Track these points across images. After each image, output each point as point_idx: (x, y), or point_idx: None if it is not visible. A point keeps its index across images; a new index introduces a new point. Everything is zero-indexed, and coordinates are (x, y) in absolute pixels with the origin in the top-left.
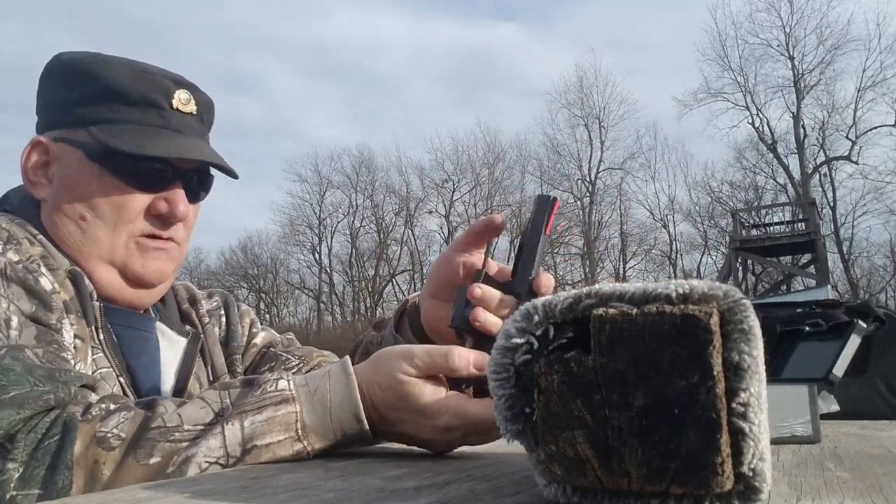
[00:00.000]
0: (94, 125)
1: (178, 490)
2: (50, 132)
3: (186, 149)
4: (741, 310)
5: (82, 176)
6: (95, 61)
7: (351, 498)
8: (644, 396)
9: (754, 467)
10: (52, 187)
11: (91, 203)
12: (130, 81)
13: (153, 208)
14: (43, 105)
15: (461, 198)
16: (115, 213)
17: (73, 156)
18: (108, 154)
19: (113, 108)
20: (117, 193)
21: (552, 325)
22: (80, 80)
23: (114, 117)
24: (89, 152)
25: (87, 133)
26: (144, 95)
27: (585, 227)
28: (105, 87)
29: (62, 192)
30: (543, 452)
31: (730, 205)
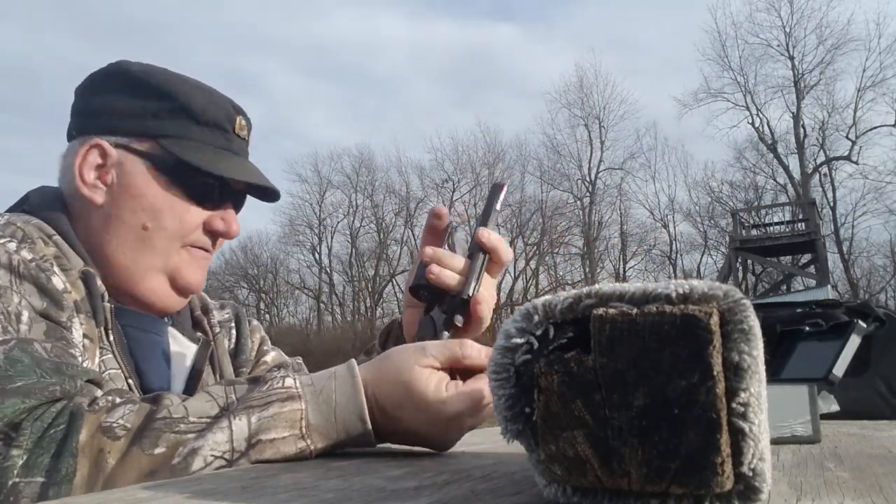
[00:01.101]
0: (165, 138)
1: (178, 490)
2: (108, 137)
3: (250, 172)
4: (741, 310)
5: (149, 186)
6: (170, 77)
7: (351, 498)
8: (644, 396)
9: (754, 467)
10: (109, 194)
11: (155, 214)
12: (203, 103)
13: (209, 224)
14: (99, 109)
15: (461, 198)
16: (178, 225)
17: (137, 165)
18: (178, 168)
19: (184, 125)
20: (182, 207)
21: (552, 325)
22: (155, 94)
23: (184, 134)
24: (158, 164)
25: (157, 145)
26: (214, 117)
27: (585, 227)
28: (180, 105)
29: (124, 199)
30: (543, 452)
31: (730, 205)
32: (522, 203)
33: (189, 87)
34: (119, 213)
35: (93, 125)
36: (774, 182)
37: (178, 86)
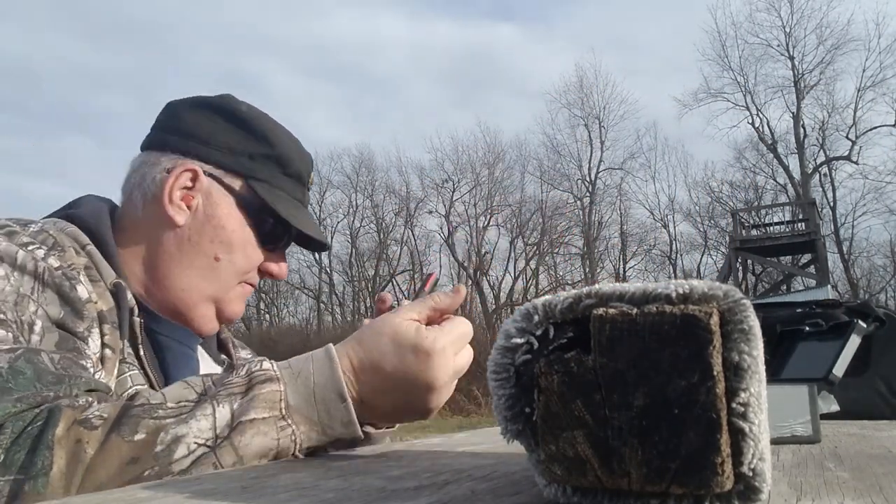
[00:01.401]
0: (255, 180)
1: (178, 490)
2: (202, 164)
3: (314, 227)
4: (741, 310)
5: (230, 221)
6: (272, 125)
7: (351, 498)
8: (644, 396)
9: (754, 467)
10: (191, 217)
11: (229, 248)
12: (295, 156)
13: (266, 267)
14: (199, 135)
15: (461, 198)
16: (244, 263)
17: (223, 198)
18: (260, 211)
19: (273, 172)
20: (252, 246)
21: (552, 325)
22: (256, 137)
23: (272, 180)
24: (244, 202)
25: (246, 185)
26: (299, 172)
27: (585, 227)
28: (276, 154)
29: (205, 227)
30: (543, 452)
31: (730, 205)
32: (522, 203)
33: (286, 137)
34: (197, 239)
35: (191, 149)
36: (774, 182)
37: (278, 135)
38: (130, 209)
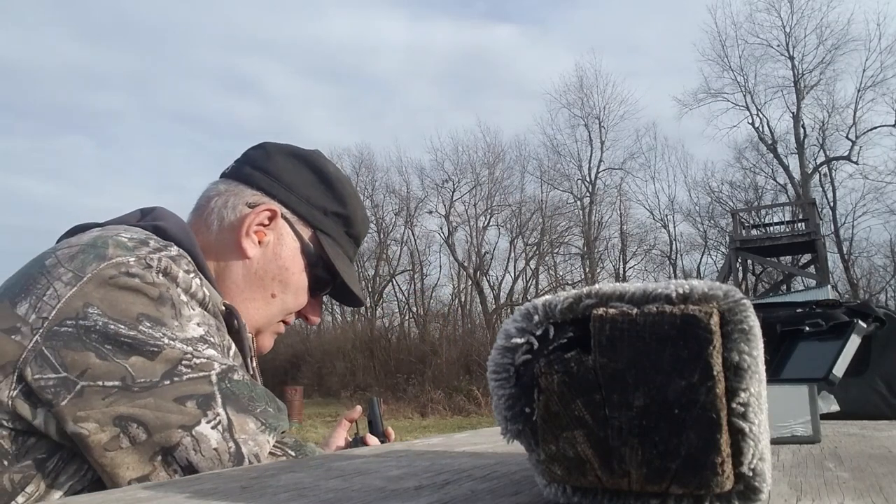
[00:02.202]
0: (322, 233)
1: (179, 490)
2: (280, 206)
3: (360, 288)
4: (741, 310)
5: (293, 263)
6: (350, 190)
7: (351, 498)
8: (644, 396)
9: (754, 467)
10: (260, 252)
11: (286, 289)
12: (361, 223)
13: (304, 311)
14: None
15: (461, 198)
16: (293, 303)
17: (292, 242)
18: (319, 261)
19: (339, 230)
20: (302, 290)
21: (552, 325)
22: (333, 196)
23: (336, 236)
24: (308, 250)
25: (314, 235)
26: (359, 234)
27: (585, 227)
28: (346, 215)
29: (270, 264)
30: (543, 452)
31: (730, 205)
32: (522, 203)
33: (358, 203)
34: (261, 274)
35: (276, 191)
36: (774, 182)
37: (352, 199)
38: (203, 231)
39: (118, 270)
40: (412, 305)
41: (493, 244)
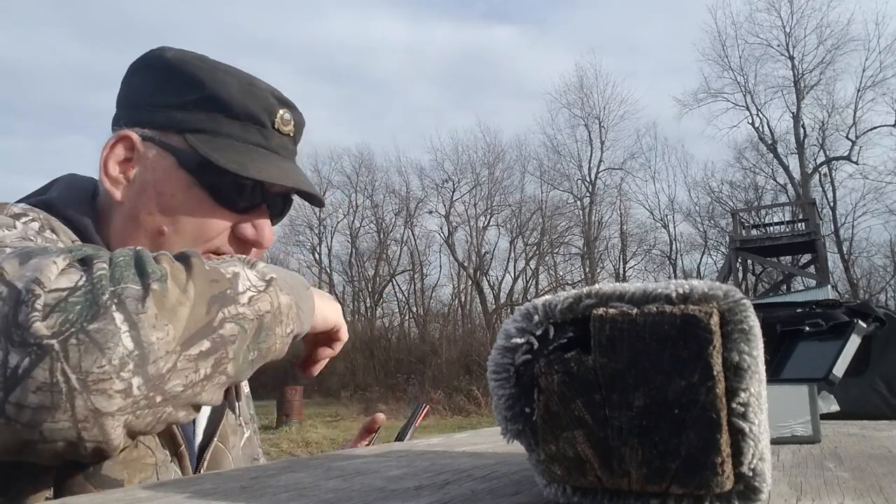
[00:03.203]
0: (192, 133)
1: (178, 490)
2: (138, 129)
3: (286, 175)
4: (741, 310)
5: (168, 184)
6: (202, 65)
7: (351, 498)
8: (644, 396)
9: (754, 467)
10: (129, 189)
11: (173, 216)
12: (237, 94)
13: (238, 231)
14: (132, 99)
15: (461, 198)
16: (198, 231)
17: (161, 161)
18: (202, 166)
19: (214, 118)
20: (203, 210)
21: (552, 325)
22: (184, 83)
23: (213, 128)
24: (182, 160)
25: (182, 140)
26: (248, 111)
27: (585, 227)
28: (209, 96)
29: (143, 199)
30: (543, 452)
31: (730, 205)
32: (522, 203)
33: (223, 74)
34: (136, 213)
35: (125, 116)
36: (774, 182)
37: (208, 74)
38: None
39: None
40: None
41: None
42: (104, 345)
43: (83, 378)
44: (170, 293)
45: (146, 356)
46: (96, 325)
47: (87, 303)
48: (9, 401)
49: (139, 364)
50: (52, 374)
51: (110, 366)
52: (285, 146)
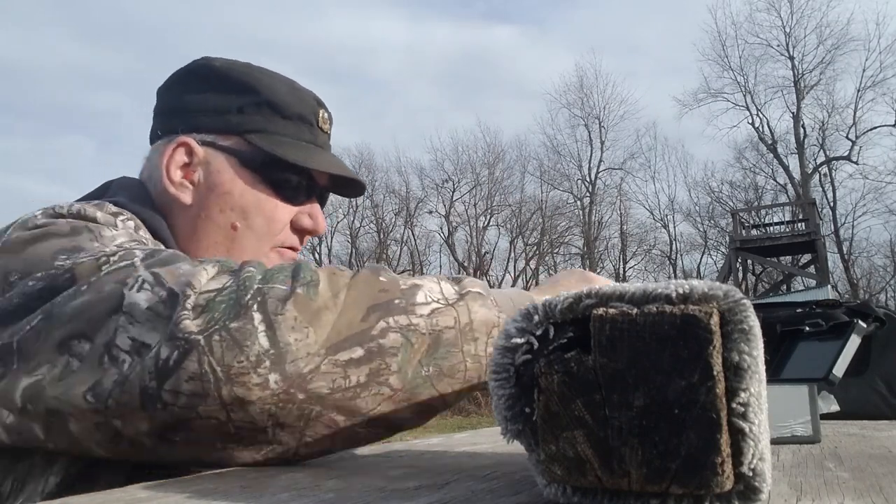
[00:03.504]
0: (250, 133)
1: (178, 490)
2: (194, 135)
3: (338, 165)
4: (741, 310)
5: (236, 183)
6: (251, 71)
7: (351, 498)
8: (644, 396)
9: (754, 467)
10: (196, 192)
11: (244, 212)
12: (287, 95)
13: (297, 222)
14: (182, 107)
15: (461, 198)
16: (266, 224)
17: (224, 162)
18: (264, 163)
19: (269, 119)
20: (270, 204)
21: (552, 325)
22: (238, 89)
23: (271, 128)
24: (244, 159)
25: (243, 141)
26: (298, 111)
27: (585, 227)
28: (265, 99)
29: (212, 199)
30: (543, 452)
31: (730, 205)
32: (522, 203)
33: (272, 79)
34: (207, 213)
35: (178, 123)
36: (774, 182)
37: (261, 79)
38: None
39: (24, 228)
40: None
41: (493, 244)
42: (242, 342)
43: (226, 371)
44: (316, 298)
45: (283, 355)
46: (237, 323)
47: (230, 302)
48: (164, 388)
49: (276, 362)
50: (201, 365)
51: (248, 361)
52: (327, 142)
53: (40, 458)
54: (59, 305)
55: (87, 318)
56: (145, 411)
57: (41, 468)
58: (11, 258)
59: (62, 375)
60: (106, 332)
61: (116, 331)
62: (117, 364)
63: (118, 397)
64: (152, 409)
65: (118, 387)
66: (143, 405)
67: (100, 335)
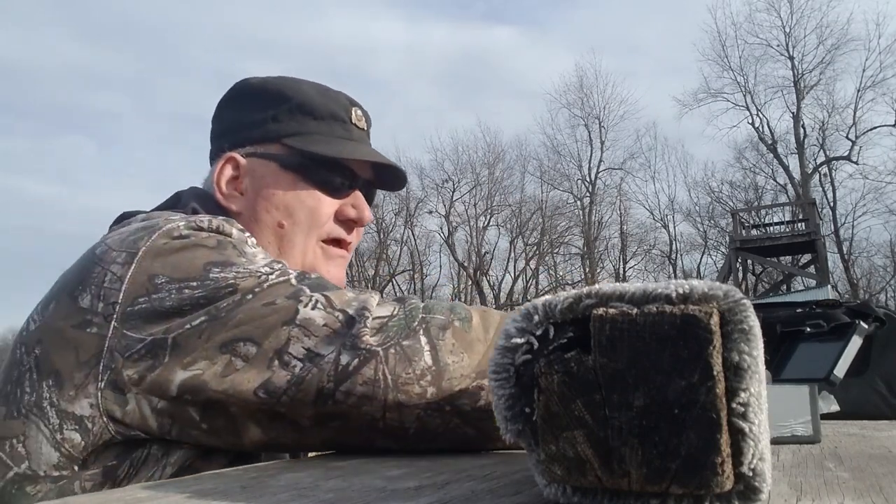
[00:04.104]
0: (288, 137)
1: (178, 490)
2: (239, 149)
3: (373, 154)
4: (741, 310)
5: (278, 185)
6: (283, 81)
7: (351, 498)
8: (644, 396)
9: (754, 467)
10: (245, 199)
11: (288, 210)
12: (317, 98)
13: (341, 213)
14: (228, 127)
15: (461, 198)
16: (310, 218)
17: (266, 167)
18: (302, 162)
19: (302, 122)
20: (311, 199)
21: (552, 325)
22: (272, 99)
23: (304, 130)
24: (283, 162)
25: (280, 146)
26: (329, 110)
27: (585, 227)
28: (296, 104)
29: (259, 202)
30: (543, 452)
31: (730, 205)
32: (522, 203)
33: (303, 85)
34: (256, 216)
35: (226, 142)
36: (774, 182)
37: (292, 87)
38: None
39: (170, 237)
40: None
41: (493, 244)
42: (412, 357)
43: (395, 379)
44: (470, 331)
45: (442, 373)
46: (408, 342)
47: (402, 325)
48: (339, 390)
49: (436, 377)
50: (376, 372)
51: (414, 374)
52: (363, 137)
53: (157, 448)
54: (225, 311)
55: (257, 325)
56: (315, 407)
57: (156, 458)
58: (159, 263)
59: (225, 372)
60: (276, 339)
61: (289, 340)
62: (288, 368)
63: (294, 395)
64: (322, 405)
65: (294, 386)
66: (314, 402)
67: (269, 341)
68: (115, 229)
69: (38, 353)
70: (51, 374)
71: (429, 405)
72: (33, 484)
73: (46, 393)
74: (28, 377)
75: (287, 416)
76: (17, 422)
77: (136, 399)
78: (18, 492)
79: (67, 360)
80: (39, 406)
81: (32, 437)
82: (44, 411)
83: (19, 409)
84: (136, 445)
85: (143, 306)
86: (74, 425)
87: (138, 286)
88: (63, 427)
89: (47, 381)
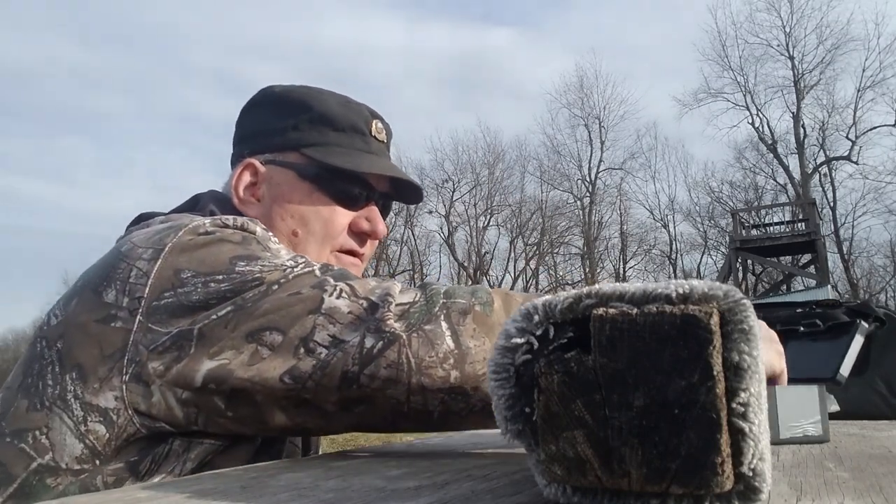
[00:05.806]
0: (307, 147)
1: (178, 490)
2: (258, 156)
3: (390, 168)
4: (741, 310)
5: (294, 194)
6: (306, 91)
7: (351, 498)
8: (644, 396)
9: (754, 467)
10: (261, 206)
11: (303, 219)
12: (338, 109)
13: (355, 225)
14: (250, 132)
15: (461, 198)
16: (324, 229)
17: (284, 175)
18: (319, 173)
19: (322, 132)
20: (327, 210)
21: (552, 325)
22: (294, 108)
23: (324, 140)
24: (301, 172)
25: (299, 155)
26: (350, 122)
27: (585, 227)
28: (317, 115)
29: (274, 209)
30: (543, 452)
31: (730, 205)
32: (522, 203)
33: (325, 96)
34: (271, 223)
35: (245, 148)
36: (774, 182)
37: (315, 97)
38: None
39: (195, 233)
40: None
41: (493, 244)
42: (434, 341)
43: (419, 363)
44: (491, 315)
45: (464, 357)
46: (430, 326)
47: (423, 310)
48: (364, 373)
49: (458, 361)
50: (400, 356)
51: (437, 357)
52: (382, 150)
53: (179, 443)
54: (251, 301)
55: (283, 314)
56: (340, 392)
57: (177, 454)
58: (185, 258)
59: (251, 361)
60: (302, 327)
61: (315, 328)
62: (313, 354)
63: (319, 380)
64: (347, 390)
65: (319, 371)
66: (339, 386)
67: (294, 329)
68: (134, 230)
69: (60, 346)
70: (74, 368)
71: (452, 389)
72: (54, 476)
73: (70, 386)
74: (50, 370)
75: (312, 402)
76: (40, 414)
77: (161, 391)
78: (39, 483)
79: (91, 354)
80: (63, 398)
81: (56, 428)
82: (67, 403)
83: (42, 401)
84: (158, 441)
85: (168, 301)
86: (99, 417)
87: (164, 281)
88: (87, 419)
89: (70, 374)
